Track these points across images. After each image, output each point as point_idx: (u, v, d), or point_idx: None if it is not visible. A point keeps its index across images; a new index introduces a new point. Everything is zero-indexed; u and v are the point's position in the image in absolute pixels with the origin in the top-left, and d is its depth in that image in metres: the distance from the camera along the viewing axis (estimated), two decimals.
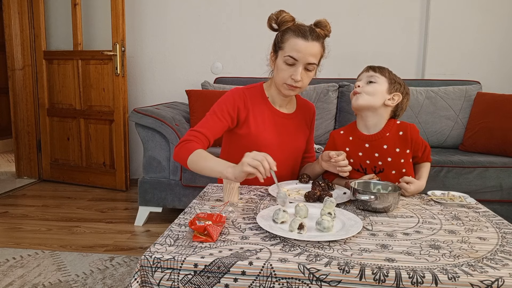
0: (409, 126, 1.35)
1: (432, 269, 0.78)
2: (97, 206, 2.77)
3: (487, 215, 1.13)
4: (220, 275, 0.79)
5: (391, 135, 1.35)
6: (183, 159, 1.27)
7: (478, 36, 2.92)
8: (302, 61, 1.32)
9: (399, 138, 1.34)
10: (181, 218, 1.05)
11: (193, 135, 1.33)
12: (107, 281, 1.73)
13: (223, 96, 1.44)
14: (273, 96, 1.47)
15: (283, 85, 1.37)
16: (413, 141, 1.34)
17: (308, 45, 1.31)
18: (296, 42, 1.31)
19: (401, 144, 1.34)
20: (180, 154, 1.29)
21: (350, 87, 2.73)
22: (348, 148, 1.41)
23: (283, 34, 1.35)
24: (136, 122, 2.35)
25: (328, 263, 0.79)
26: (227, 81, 2.96)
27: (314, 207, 1.11)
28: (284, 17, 1.35)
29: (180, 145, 1.30)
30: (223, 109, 1.39)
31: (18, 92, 3.30)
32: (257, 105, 1.44)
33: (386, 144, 1.35)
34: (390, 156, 1.35)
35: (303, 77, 1.34)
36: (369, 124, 1.37)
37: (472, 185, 2.16)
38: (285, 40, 1.33)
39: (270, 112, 1.46)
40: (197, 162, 1.24)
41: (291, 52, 1.31)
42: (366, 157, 1.38)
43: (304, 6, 2.99)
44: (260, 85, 1.50)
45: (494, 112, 2.43)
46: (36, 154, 3.38)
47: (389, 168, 1.36)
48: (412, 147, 1.35)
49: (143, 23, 3.21)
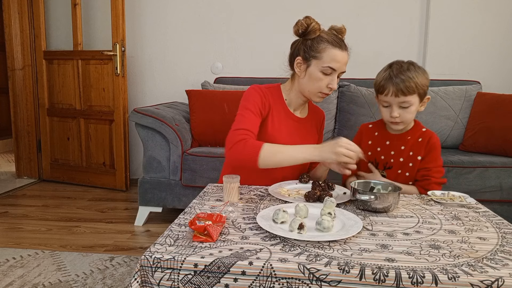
0: (431, 136, 1.40)
1: (432, 269, 0.78)
2: (97, 206, 2.77)
3: (487, 215, 1.13)
4: (220, 275, 0.79)
5: (412, 139, 1.41)
6: (251, 157, 1.24)
7: (478, 36, 2.92)
8: (339, 70, 1.36)
9: (417, 143, 1.40)
10: (181, 218, 1.05)
11: (245, 134, 1.30)
12: (107, 281, 1.73)
13: (247, 94, 1.42)
14: (291, 99, 1.48)
15: (317, 94, 1.39)
16: (428, 150, 1.38)
17: (344, 55, 1.36)
18: (335, 53, 1.34)
19: (416, 149, 1.39)
20: (247, 153, 1.26)
21: (350, 87, 2.73)
22: (370, 142, 1.48)
23: (317, 43, 1.35)
24: (136, 122, 2.35)
25: (328, 263, 0.79)
26: (227, 81, 2.96)
27: (314, 207, 1.11)
28: (314, 26, 1.35)
29: (240, 145, 1.27)
30: (255, 105, 1.38)
31: (18, 92, 3.30)
32: (275, 105, 1.45)
33: (404, 146, 1.41)
34: (403, 157, 1.41)
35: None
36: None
37: (472, 185, 2.16)
38: (322, 50, 1.34)
39: (286, 114, 1.47)
40: (273, 155, 1.25)
41: (330, 63, 1.34)
42: (383, 152, 1.44)
43: (304, 6, 2.99)
44: (278, 86, 1.50)
45: (494, 112, 2.43)
46: (36, 154, 3.38)
47: (396, 167, 1.41)
48: (424, 155, 1.38)
49: (143, 23, 3.21)
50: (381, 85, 1.34)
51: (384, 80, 1.33)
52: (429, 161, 1.38)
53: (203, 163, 2.29)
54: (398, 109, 1.34)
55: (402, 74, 1.31)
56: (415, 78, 1.31)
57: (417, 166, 1.39)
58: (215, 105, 2.50)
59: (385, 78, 1.33)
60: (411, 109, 1.34)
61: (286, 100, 1.48)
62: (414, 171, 1.39)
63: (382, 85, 1.34)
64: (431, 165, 1.38)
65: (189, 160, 2.30)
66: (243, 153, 1.27)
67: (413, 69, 1.33)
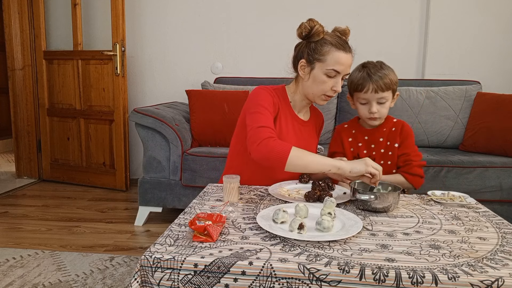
0: (403, 125, 1.50)
1: (432, 269, 0.78)
2: (97, 206, 2.77)
3: (487, 215, 1.13)
4: (220, 275, 0.79)
5: (387, 130, 1.50)
6: (281, 156, 1.22)
7: (478, 36, 2.92)
8: (343, 73, 1.37)
9: (392, 133, 1.50)
10: (181, 218, 1.05)
11: (270, 132, 1.28)
12: (107, 281, 1.73)
13: (257, 93, 1.39)
14: (295, 102, 1.48)
15: (321, 96, 1.39)
16: (402, 136, 1.48)
17: (348, 57, 1.36)
18: (339, 56, 1.34)
19: (392, 138, 1.49)
20: (277, 151, 1.22)
21: None
22: (351, 139, 1.55)
23: (321, 45, 1.35)
24: (136, 122, 2.35)
25: (328, 263, 0.79)
26: (227, 81, 2.96)
27: (314, 207, 1.11)
28: (318, 29, 1.35)
29: (269, 143, 1.24)
30: (269, 103, 1.36)
31: (18, 92, 3.30)
32: (282, 107, 1.44)
33: (382, 137, 1.50)
34: (383, 148, 1.50)
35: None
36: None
37: (472, 185, 2.16)
38: (326, 53, 1.34)
39: (292, 116, 1.47)
40: (302, 157, 1.24)
41: (334, 65, 1.34)
42: (364, 147, 1.53)
43: (304, 6, 2.99)
44: (283, 87, 1.49)
45: (494, 112, 2.43)
46: (36, 154, 3.38)
47: (379, 158, 1.50)
48: (400, 142, 1.48)
49: (143, 23, 3.21)
50: (359, 83, 1.42)
51: (362, 79, 1.42)
52: (406, 146, 1.48)
53: (203, 163, 2.29)
54: (377, 105, 1.42)
55: (379, 72, 1.40)
56: (390, 75, 1.41)
57: (396, 154, 1.48)
58: (215, 105, 2.50)
59: (363, 77, 1.41)
60: (386, 105, 1.44)
61: (291, 102, 1.48)
62: (395, 158, 1.48)
63: (361, 83, 1.42)
64: (409, 150, 1.47)
65: (189, 160, 2.30)
66: (273, 151, 1.23)
67: (386, 67, 1.43)
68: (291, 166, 1.23)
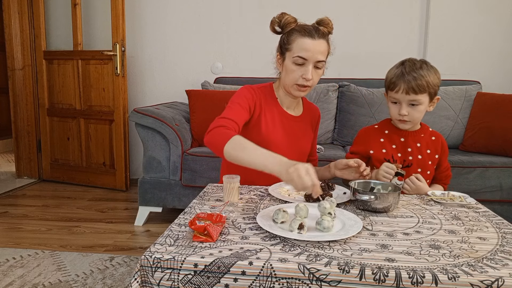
0: (441, 136, 1.45)
1: (432, 269, 0.78)
2: (97, 206, 2.77)
3: (487, 215, 1.13)
4: (220, 275, 0.79)
5: (425, 137, 1.42)
6: (218, 146, 1.19)
7: (478, 36, 2.92)
8: (311, 59, 1.32)
9: (432, 141, 1.42)
10: (181, 218, 1.05)
11: (226, 122, 1.25)
12: (107, 281, 1.73)
13: (238, 92, 1.40)
14: (281, 98, 1.47)
15: (293, 86, 1.37)
16: (443, 149, 1.43)
17: (315, 43, 1.31)
18: (304, 42, 1.31)
19: (433, 148, 1.42)
20: (215, 141, 1.20)
21: (350, 87, 2.73)
22: (382, 139, 1.44)
23: (289, 35, 1.35)
24: (136, 122, 2.35)
25: (328, 263, 0.79)
26: (227, 81, 2.96)
27: (314, 207, 1.11)
28: (287, 19, 1.35)
29: (213, 132, 1.23)
30: (244, 100, 1.36)
31: (18, 92, 3.30)
32: (268, 105, 1.44)
33: (420, 143, 1.41)
34: (421, 155, 1.40)
35: (313, 75, 1.34)
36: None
37: (472, 185, 2.16)
38: (292, 41, 1.34)
39: (279, 113, 1.46)
40: (236, 151, 1.15)
41: (299, 52, 1.32)
42: (399, 150, 1.42)
43: (304, 6, 2.99)
44: (270, 85, 1.49)
45: (494, 112, 2.43)
46: (36, 154, 3.38)
47: (416, 165, 1.40)
48: (440, 154, 1.41)
49: (143, 23, 3.21)
50: (392, 81, 1.33)
51: (395, 77, 1.32)
52: (446, 160, 1.43)
53: (203, 163, 2.29)
54: (407, 107, 1.33)
55: (414, 72, 1.30)
56: (427, 77, 1.30)
57: (434, 165, 1.41)
58: (215, 105, 2.50)
59: (397, 75, 1.32)
60: (420, 108, 1.33)
61: (278, 98, 1.47)
62: (433, 169, 1.41)
63: (394, 82, 1.33)
64: (447, 164, 1.44)
65: (189, 160, 2.30)
66: (214, 138, 1.21)
67: (425, 67, 1.32)
68: (229, 156, 1.17)
